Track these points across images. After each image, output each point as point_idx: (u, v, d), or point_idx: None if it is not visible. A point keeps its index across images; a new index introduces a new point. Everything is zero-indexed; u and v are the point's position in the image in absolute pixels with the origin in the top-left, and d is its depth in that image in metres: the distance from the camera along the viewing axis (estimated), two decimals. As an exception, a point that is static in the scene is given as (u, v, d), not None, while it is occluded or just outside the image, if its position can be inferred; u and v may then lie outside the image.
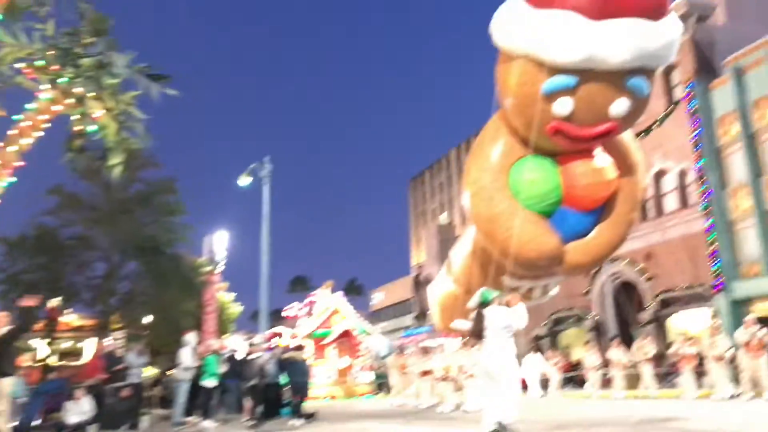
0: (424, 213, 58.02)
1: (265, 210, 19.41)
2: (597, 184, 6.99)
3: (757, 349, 13.34)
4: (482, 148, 7.38)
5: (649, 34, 5.99)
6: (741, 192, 23.43)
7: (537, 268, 7.40)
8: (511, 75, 6.52)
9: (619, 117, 6.47)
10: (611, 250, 7.46)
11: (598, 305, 29.31)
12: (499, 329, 7.45)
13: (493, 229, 7.12)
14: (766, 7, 28.65)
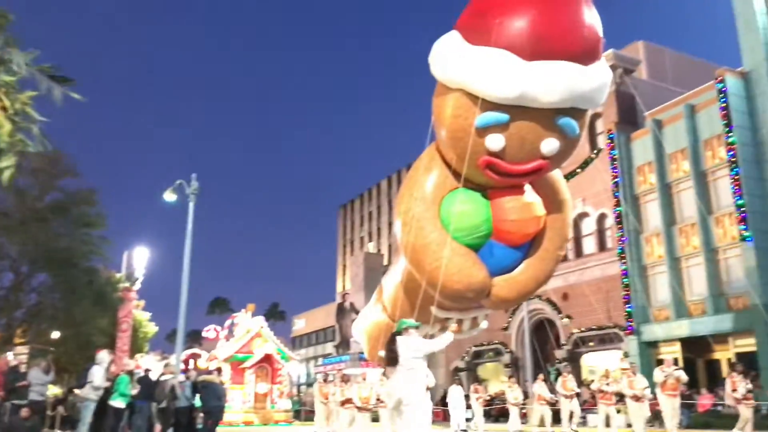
0: (352, 241, 58.09)
1: (189, 228, 18.92)
2: (526, 219, 7.13)
3: (672, 389, 13.83)
4: (416, 178, 7.44)
5: (580, 76, 6.22)
6: (655, 239, 24.65)
7: (463, 300, 7.40)
8: (446, 107, 6.66)
9: (550, 155, 6.66)
10: (537, 286, 7.57)
11: (516, 340, 29.95)
12: (409, 358, 7.26)
13: (421, 259, 7.14)
14: (682, 69, 30.66)
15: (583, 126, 6.82)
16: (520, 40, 6.03)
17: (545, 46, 6.03)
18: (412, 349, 7.27)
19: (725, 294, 22.11)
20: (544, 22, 6.06)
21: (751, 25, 22.43)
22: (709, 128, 22.96)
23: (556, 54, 6.06)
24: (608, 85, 6.72)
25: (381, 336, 9.62)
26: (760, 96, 21.85)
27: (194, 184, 19.22)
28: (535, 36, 6.04)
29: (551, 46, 6.04)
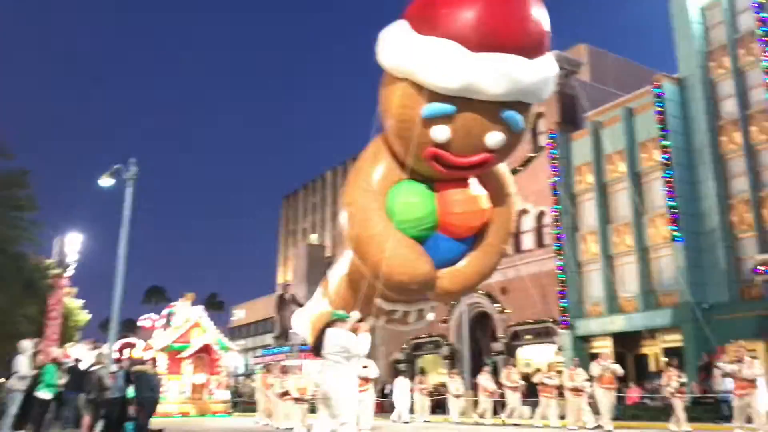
0: (294, 232, 57.61)
1: (126, 214, 18.37)
2: (471, 212, 7.14)
3: (609, 383, 14.24)
4: (362, 169, 7.41)
5: (525, 70, 6.27)
6: (590, 237, 25.39)
7: (408, 292, 7.39)
8: (392, 97, 6.65)
9: (495, 148, 6.71)
10: (481, 278, 7.66)
11: (455, 333, 30.37)
12: (335, 352, 7.07)
13: (366, 251, 7.12)
14: (622, 72, 31.60)
15: (528, 120, 6.92)
16: (466, 31, 6.04)
17: (492, 38, 6.07)
18: (334, 343, 7.08)
19: (656, 291, 22.98)
20: (491, 14, 6.08)
21: (686, 33, 23.29)
22: (646, 131, 23.76)
23: (502, 46, 6.10)
24: (553, 80, 6.80)
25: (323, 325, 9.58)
26: (693, 102, 22.74)
27: (132, 169, 18.66)
28: (481, 28, 6.06)
29: (498, 38, 6.09)
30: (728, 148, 21.93)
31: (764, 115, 20.94)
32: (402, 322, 9.14)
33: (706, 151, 22.06)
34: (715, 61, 22.84)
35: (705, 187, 21.96)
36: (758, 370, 11.90)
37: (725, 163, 22.02)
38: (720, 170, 21.91)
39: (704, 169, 22.06)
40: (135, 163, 18.79)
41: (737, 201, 21.44)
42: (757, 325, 19.05)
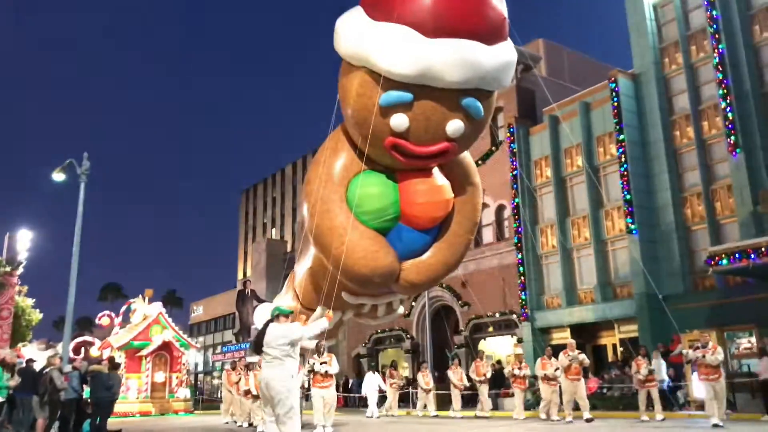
0: (254, 227, 57.05)
1: (80, 210, 17.89)
2: (434, 203, 7.01)
3: (575, 373, 14.31)
4: (322, 161, 7.23)
5: (484, 56, 6.15)
6: (549, 230, 25.76)
7: (371, 285, 7.21)
8: (350, 86, 6.49)
9: (455, 137, 6.59)
10: (447, 269, 7.45)
11: (417, 327, 30.50)
12: (277, 346, 6.81)
13: (327, 243, 6.94)
14: (579, 68, 32.10)
15: (489, 109, 6.76)
16: (422, 16, 5.91)
17: (448, 24, 5.93)
18: (278, 336, 6.81)
19: (612, 283, 23.45)
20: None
21: (641, 30, 23.76)
22: (602, 126, 24.18)
23: (459, 32, 5.97)
24: (513, 66, 6.68)
25: None
26: (648, 97, 23.22)
27: (85, 163, 18.18)
28: (437, 13, 5.91)
29: (454, 23, 5.95)
30: (681, 143, 22.48)
31: (715, 111, 21.52)
32: (371, 316, 8.94)
33: (660, 145, 22.57)
34: (669, 58, 23.37)
35: (659, 180, 22.47)
36: (721, 356, 11.95)
37: (679, 157, 22.57)
38: (674, 164, 22.45)
39: (659, 162, 22.56)
40: (88, 157, 18.36)
41: (690, 194, 22.01)
42: (710, 314, 19.61)
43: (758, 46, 21.07)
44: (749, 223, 19.58)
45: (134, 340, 25.95)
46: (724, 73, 20.73)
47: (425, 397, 19.24)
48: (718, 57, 20.96)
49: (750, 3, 21.44)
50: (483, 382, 17.75)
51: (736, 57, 20.94)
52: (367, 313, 8.70)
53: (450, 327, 29.12)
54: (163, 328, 26.72)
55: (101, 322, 28.86)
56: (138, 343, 25.97)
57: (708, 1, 21.60)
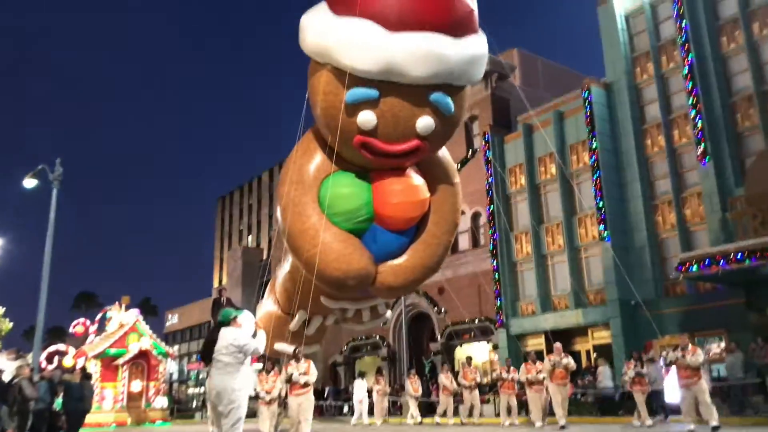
0: (230, 234, 56.67)
1: (52, 216, 17.66)
2: (408, 203, 6.77)
3: (561, 378, 14.15)
4: (294, 162, 7.03)
5: (450, 48, 5.95)
6: (524, 237, 26.00)
7: (345, 288, 6.93)
8: (318, 84, 6.34)
9: (426, 134, 6.39)
10: (426, 271, 7.20)
11: (393, 334, 30.53)
12: (228, 353, 6.58)
13: (299, 245, 6.72)
14: (552, 77, 32.50)
15: (460, 105, 6.52)
16: (384, 10, 5.77)
17: (411, 17, 5.76)
18: (227, 343, 6.62)
19: (586, 290, 23.72)
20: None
21: (613, 40, 24.17)
22: (575, 134, 24.52)
23: (423, 25, 5.80)
24: (483, 59, 6.43)
25: (274, 328, 9.06)
26: (620, 106, 23.61)
27: (58, 169, 17.96)
28: (400, 6, 5.78)
29: (418, 16, 5.77)
30: (653, 151, 22.88)
31: (685, 119, 21.95)
32: (356, 321, 8.62)
33: (632, 153, 22.94)
34: (640, 67, 23.80)
35: (632, 188, 22.83)
36: (701, 357, 11.53)
37: (650, 165, 22.96)
38: (645, 172, 22.83)
39: (631, 171, 22.93)
40: (61, 163, 18.14)
41: (661, 202, 22.39)
42: (682, 320, 19.95)
43: (726, 56, 21.56)
44: (719, 230, 19.97)
45: (110, 349, 25.49)
46: (694, 83, 21.17)
47: (414, 404, 19.24)
48: (688, 67, 21.40)
49: (717, 14, 21.95)
50: (472, 387, 17.70)
51: (705, 67, 21.40)
52: (352, 317, 8.49)
53: (426, 334, 29.22)
54: (140, 336, 26.29)
55: (76, 330, 28.34)
56: (114, 351, 25.52)
57: (677, 13, 22.06)
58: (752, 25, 21.03)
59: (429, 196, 7.04)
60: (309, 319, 8.56)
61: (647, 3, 23.84)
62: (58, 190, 17.88)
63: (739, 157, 20.71)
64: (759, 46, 20.85)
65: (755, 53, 20.84)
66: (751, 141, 20.64)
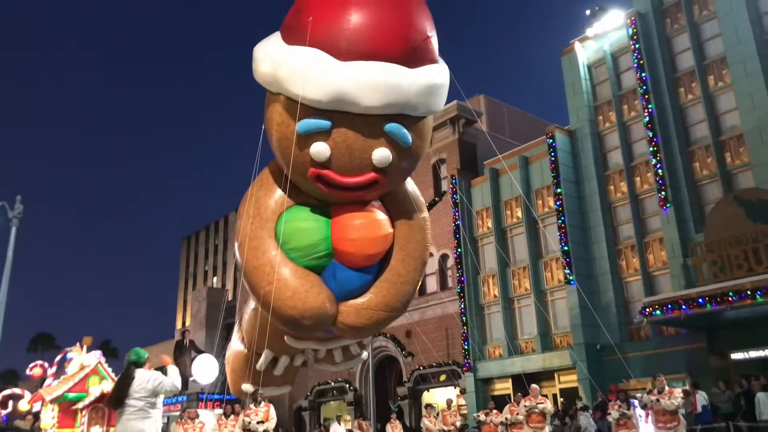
0: (195, 275, 55.79)
1: (9, 255, 17.18)
2: (367, 238, 6.46)
3: (538, 421, 13.79)
4: (252, 194, 6.77)
5: (403, 78, 5.78)
6: (491, 280, 26.12)
7: (303, 328, 6.56)
8: (272, 115, 6.16)
9: (383, 167, 6.14)
10: (390, 311, 6.75)
11: (360, 378, 30.11)
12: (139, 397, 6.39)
13: (255, 282, 6.37)
14: (517, 123, 33.25)
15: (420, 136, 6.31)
16: (334, 38, 5.68)
17: (361, 46, 5.67)
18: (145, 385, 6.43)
19: (551, 333, 23.82)
20: (359, 19, 5.72)
21: (576, 89, 24.89)
22: (540, 179, 24.97)
23: (374, 54, 5.67)
24: (441, 89, 6.24)
25: (241, 368, 8.80)
26: (583, 152, 24.18)
27: (18, 207, 17.56)
28: (349, 34, 5.68)
29: (368, 45, 5.67)
30: (615, 197, 23.39)
31: (646, 166, 22.53)
32: (329, 362, 8.09)
33: (595, 198, 23.41)
34: (603, 115, 24.50)
35: (595, 232, 23.22)
36: (679, 400, 11.12)
37: (613, 210, 23.43)
38: (608, 217, 23.27)
39: (594, 215, 23.35)
40: (21, 200, 17.75)
41: (624, 246, 22.79)
42: (645, 364, 20.10)
43: (684, 106, 22.33)
44: (680, 275, 20.35)
45: (69, 392, 24.41)
46: (654, 132, 21.83)
47: None
48: (648, 116, 22.09)
49: (676, 66, 22.81)
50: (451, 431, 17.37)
51: (664, 116, 22.12)
52: (324, 358, 8.10)
53: (393, 378, 28.89)
54: (102, 379, 25.25)
55: (32, 372, 27.10)
56: (73, 395, 24.37)
57: (638, 64, 22.86)
58: (708, 78, 21.88)
59: (391, 231, 6.73)
60: (276, 359, 8.23)
61: (609, 54, 24.68)
62: (17, 228, 17.45)
63: (698, 204, 21.28)
64: (714, 97, 21.66)
65: (711, 104, 21.63)
66: (709, 189, 21.26)
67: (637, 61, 22.87)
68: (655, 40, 22.95)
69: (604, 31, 24.69)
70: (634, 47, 23.06)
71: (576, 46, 25.29)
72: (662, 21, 23.34)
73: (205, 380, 18.39)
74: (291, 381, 9.33)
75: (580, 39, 25.40)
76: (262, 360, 8.08)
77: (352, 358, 8.42)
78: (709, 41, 22.17)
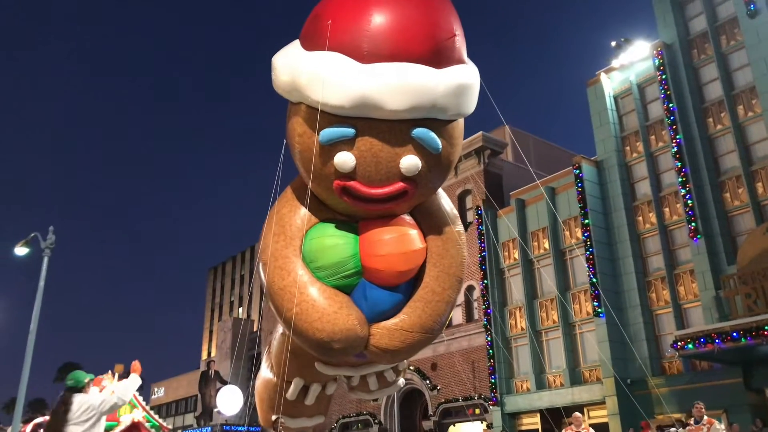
0: (221, 305, 56.07)
1: (41, 285, 17.48)
2: (397, 254, 6.03)
3: None
4: (276, 212, 6.42)
5: (429, 80, 5.47)
6: (518, 312, 25.79)
7: (333, 353, 6.10)
8: (293, 127, 5.87)
9: (412, 176, 5.76)
10: (425, 333, 6.27)
11: (385, 411, 29.76)
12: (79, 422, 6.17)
13: (280, 305, 6.01)
14: (543, 153, 33.16)
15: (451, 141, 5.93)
16: (354, 41, 5.43)
17: (383, 47, 5.40)
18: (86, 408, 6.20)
19: (580, 366, 23.35)
20: (381, 19, 5.48)
21: (603, 119, 24.79)
22: (567, 210, 24.76)
23: (397, 55, 5.40)
24: (471, 90, 5.91)
25: (270, 398, 8.09)
26: (611, 183, 23.96)
27: (50, 237, 17.93)
28: (371, 35, 5.44)
29: (390, 46, 5.42)
30: (644, 228, 23.06)
31: (675, 197, 22.24)
32: (363, 389, 7.37)
33: (624, 229, 23.11)
34: (630, 146, 24.32)
35: (624, 264, 22.87)
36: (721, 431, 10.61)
37: (642, 242, 23.09)
38: (637, 248, 22.93)
39: (623, 246, 23.03)
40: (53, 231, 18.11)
41: (654, 278, 22.38)
42: (679, 399, 19.56)
43: (713, 136, 22.08)
44: (712, 308, 19.89)
45: None
46: (683, 162, 21.58)
47: None
48: (676, 147, 21.87)
49: (703, 96, 22.62)
50: None
51: (693, 147, 21.87)
52: (358, 386, 7.40)
53: (419, 411, 28.50)
54: (133, 407, 25.24)
55: None
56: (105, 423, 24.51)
57: (665, 94, 22.72)
58: (737, 108, 21.65)
59: (423, 246, 6.25)
60: (307, 388, 7.63)
61: (635, 84, 24.60)
62: (49, 259, 17.77)
63: (729, 235, 20.88)
64: (744, 127, 21.39)
65: (741, 134, 21.36)
66: (741, 219, 20.88)
67: (664, 91, 22.74)
68: (682, 71, 22.84)
69: (630, 61, 24.66)
70: (661, 78, 22.96)
71: (602, 77, 25.26)
72: (689, 51, 23.25)
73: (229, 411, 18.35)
74: (324, 411, 8.71)
75: (605, 70, 25.38)
76: (292, 389, 7.49)
77: (388, 385, 7.86)
78: (738, 71, 21.99)
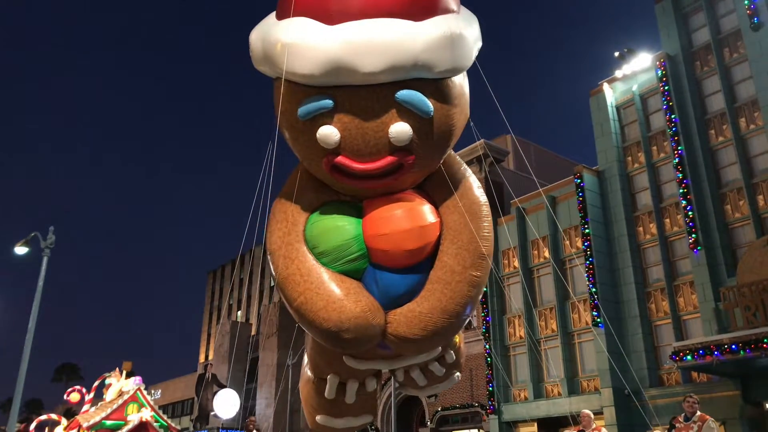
0: (219, 308, 56.00)
1: (40, 285, 17.47)
2: (403, 231, 5.44)
3: None
4: (280, 198, 5.99)
5: (408, 34, 4.87)
6: (517, 320, 25.75)
7: (345, 343, 5.53)
8: (277, 104, 5.39)
9: (404, 145, 5.18)
10: (448, 317, 5.57)
11: (382, 418, 29.68)
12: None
13: (287, 294, 5.54)
14: (544, 162, 33.17)
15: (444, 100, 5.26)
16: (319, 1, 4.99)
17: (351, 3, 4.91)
18: None
19: (578, 376, 23.30)
20: None
21: (605, 129, 24.81)
22: (568, 219, 24.75)
23: (367, 11, 4.88)
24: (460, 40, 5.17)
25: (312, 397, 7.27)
26: (612, 193, 23.97)
27: (51, 237, 17.91)
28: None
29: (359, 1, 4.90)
30: (645, 238, 23.05)
31: (676, 208, 22.23)
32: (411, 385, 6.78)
33: (624, 239, 23.10)
34: (631, 156, 24.33)
35: (624, 274, 22.84)
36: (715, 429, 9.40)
37: (642, 252, 23.07)
38: (637, 259, 22.91)
39: (623, 257, 23.01)
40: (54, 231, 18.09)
41: (654, 289, 22.35)
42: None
43: (714, 148, 22.09)
44: (712, 319, 19.86)
45: (107, 420, 24.09)
46: (684, 174, 21.58)
47: None
48: (678, 158, 21.88)
49: (706, 108, 22.65)
50: None
51: (694, 158, 21.88)
52: (405, 382, 6.81)
53: (416, 418, 28.43)
54: (141, 407, 24.92)
55: (70, 398, 26.89)
56: (111, 423, 23.97)
57: (667, 105, 22.75)
58: (739, 120, 21.67)
59: (434, 221, 5.63)
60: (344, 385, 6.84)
61: (637, 95, 24.63)
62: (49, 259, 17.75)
63: (730, 247, 20.87)
64: (746, 140, 21.41)
65: (743, 147, 21.37)
66: (741, 232, 20.87)
67: (667, 102, 22.77)
68: (685, 82, 22.87)
69: (633, 72, 24.70)
70: (664, 89, 22.98)
71: (604, 87, 25.29)
72: (692, 63, 23.29)
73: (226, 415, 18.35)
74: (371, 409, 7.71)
75: (608, 80, 25.42)
76: (328, 387, 6.72)
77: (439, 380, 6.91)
78: (740, 84, 22.02)
